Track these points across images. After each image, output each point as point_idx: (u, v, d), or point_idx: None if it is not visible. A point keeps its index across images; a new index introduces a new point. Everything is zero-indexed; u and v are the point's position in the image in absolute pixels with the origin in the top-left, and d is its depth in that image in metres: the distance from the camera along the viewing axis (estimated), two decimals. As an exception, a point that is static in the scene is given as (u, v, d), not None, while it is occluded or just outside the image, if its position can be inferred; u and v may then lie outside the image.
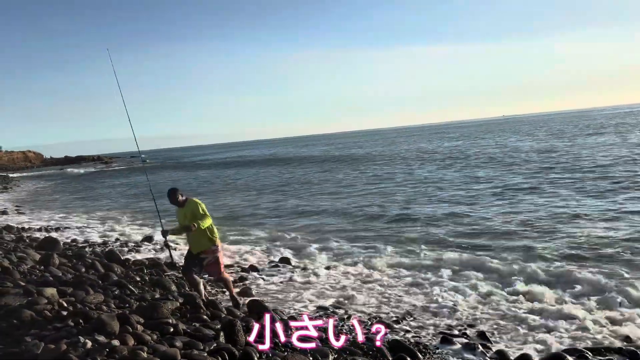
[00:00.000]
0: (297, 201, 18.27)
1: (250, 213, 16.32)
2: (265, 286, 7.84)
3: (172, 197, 6.48)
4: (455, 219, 12.42)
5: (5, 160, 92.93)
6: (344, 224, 13.05)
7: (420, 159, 33.44)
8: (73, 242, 11.48)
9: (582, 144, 31.54)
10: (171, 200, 6.49)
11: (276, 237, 12.02)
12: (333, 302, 6.87)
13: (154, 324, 4.53)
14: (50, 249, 9.34)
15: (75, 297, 5.28)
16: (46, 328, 4.22)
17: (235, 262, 9.51)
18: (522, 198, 14.47)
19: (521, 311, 6.19)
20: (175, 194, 6.49)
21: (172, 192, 6.50)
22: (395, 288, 7.44)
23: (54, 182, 42.68)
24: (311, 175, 29.27)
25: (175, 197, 6.46)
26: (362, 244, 10.62)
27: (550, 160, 23.56)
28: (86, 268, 7.82)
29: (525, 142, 39.16)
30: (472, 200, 14.92)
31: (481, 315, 6.13)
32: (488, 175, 20.55)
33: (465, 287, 7.21)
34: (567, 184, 16.04)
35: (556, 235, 9.84)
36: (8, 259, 7.24)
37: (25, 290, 5.05)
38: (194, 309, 5.51)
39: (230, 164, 51.92)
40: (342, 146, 71.82)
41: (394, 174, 24.73)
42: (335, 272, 8.45)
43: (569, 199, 13.58)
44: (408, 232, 11.47)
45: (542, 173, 19.45)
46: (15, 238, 11.24)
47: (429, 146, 48.49)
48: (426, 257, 9.08)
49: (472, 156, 31.18)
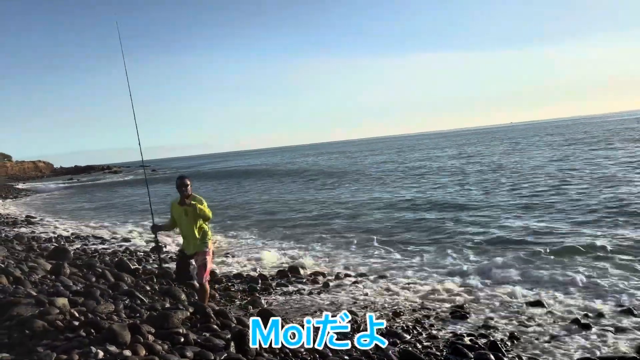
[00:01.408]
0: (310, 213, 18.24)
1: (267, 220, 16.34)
2: (276, 297, 7.82)
3: (182, 181, 6.06)
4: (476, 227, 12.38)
5: (16, 170, 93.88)
6: (364, 235, 12.98)
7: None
8: (82, 252, 11.53)
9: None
10: (179, 185, 6.04)
11: (287, 244, 12.02)
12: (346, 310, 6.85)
13: (165, 334, 4.54)
14: (61, 258, 9.40)
15: (87, 306, 5.29)
16: (58, 338, 4.24)
17: (245, 271, 9.51)
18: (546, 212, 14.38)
19: (537, 321, 6.15)
20: (185, 179, 6.10)
21: (182, 176, 6.15)
22: (401, 296, 7.42)
23: (67, 191, 42.93)
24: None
25: (184, 184, 6.03)
26: (378, 253, 10.60)
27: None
28: (96, 277, 7.85)
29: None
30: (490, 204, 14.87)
31: (495, 324, 6.09)
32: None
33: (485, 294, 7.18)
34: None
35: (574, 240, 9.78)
36: (20, 269, 7.28)
37: (37, 300, 5.06)
38: (204, 319, 5.50)
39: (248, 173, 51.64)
40: (357, 155, 71.72)
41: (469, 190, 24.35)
42: (353, 283, 8.43)
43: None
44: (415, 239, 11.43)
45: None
46: (26, 247, 11.32)
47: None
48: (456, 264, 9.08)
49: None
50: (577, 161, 25.45)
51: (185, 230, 6.20)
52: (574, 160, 26.32)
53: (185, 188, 6.05)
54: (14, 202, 33.29)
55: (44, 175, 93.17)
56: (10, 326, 4.48)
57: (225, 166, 74.40)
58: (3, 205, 29.37)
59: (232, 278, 8.86)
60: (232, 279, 8.77)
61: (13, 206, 29.44)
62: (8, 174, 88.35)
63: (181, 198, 6.09)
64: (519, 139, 62.08)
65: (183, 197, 6.05)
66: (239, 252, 11.71)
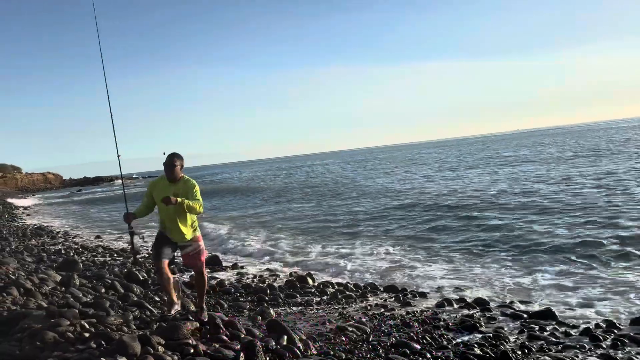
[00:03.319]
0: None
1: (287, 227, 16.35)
2: (285, 307, 7.80)
3: (170, 159, 5.17)
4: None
5: (26, 181, 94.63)
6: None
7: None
8: (92, 263, 11.57)
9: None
10: (167, 163, 5.17)
11: (297, 251, 12.01)
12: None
13: (175, 345, 4.54)
14: (71, 270, 9.44)
15: (97, 318, 5.31)
16: (69, 350, 4.25)
17: (258, 277, 9.50)
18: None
19: (548, 331, 6.09)
20: (174, 158, 5.20)
21: (172, 154, 5.24)
22: (410, 307, 7.38)
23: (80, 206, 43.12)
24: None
25: (173, 162, 5.17)
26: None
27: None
28: (106, 289, 7.88)
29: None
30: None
31: (505, 334, 6.04)
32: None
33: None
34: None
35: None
36: (30, 280, 7.32)
37: (48, 312, 5.09)
38: (213, 329, 5.50)
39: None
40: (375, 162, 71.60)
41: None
42: (362, 294, 8.40)
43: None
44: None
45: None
46: (36, 259, 11.38)
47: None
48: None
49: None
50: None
51: (170, 218, 5.24)
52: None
53: (172, 168, 5.18)
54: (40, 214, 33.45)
55: (53, 187, 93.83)
56: (22, 338, 4.50)
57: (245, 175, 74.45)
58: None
59: (240, 288, 8.86)
60: (240, 289, 8.76)
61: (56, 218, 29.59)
62: (18, 186, 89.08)
63: (168, 180, 5.25)
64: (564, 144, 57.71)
65: (171, 175, 5.21)
66: (250, 262, 11.73)
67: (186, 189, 5.20)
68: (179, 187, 5.20)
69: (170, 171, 5.22)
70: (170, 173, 5.22)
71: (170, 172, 5.22)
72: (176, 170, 5.21)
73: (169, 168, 5.21)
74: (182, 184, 5.25)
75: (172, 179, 5.22)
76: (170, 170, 5.22)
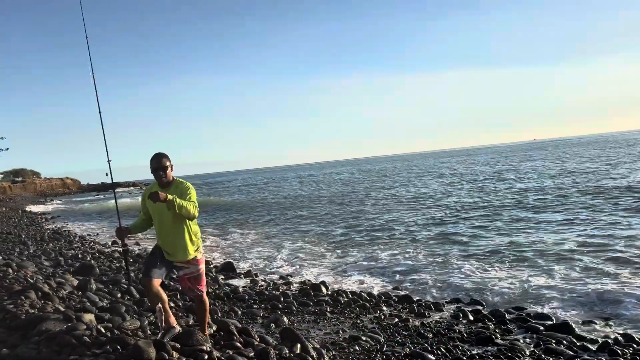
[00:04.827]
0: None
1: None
2: (299, 315, 7.79)
3: (157, 161, 4.56)
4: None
5: (44, 186, 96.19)
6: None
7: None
8: (108, 268, 11.69)
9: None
10: (154, 165, 4.56)
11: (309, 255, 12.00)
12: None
13: (189, 351, 4.56)
14: (87, 274, 9.55)
15: (113, 323, 5.36)
16: (85, 354, 4.29)
17: (272, 284, 9.51)
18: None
19: (565, 344, 6.00)
20: (162, 159, 4.58)
21: (158, 155, 4.62)
22: (425, 318, 7.33)
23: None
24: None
25: (161, 163, 4.55)
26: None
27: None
28: (122, 294, 7.95)
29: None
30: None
31: (521, 346, 5.97)
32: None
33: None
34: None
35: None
36: (48, 284, 7.42)
37: (65, 316, 5.15)
38: (227, 336, 5.52)
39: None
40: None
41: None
42: (375, 304, 8.37)
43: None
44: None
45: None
46: (53, 263, 11.53)
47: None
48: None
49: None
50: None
51: (166, 230, 4.64)
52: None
53: (163, 172, 4.58)
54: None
55: (71, 191, 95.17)
56: (40, 341, 4.56)
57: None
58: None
59: (254, 295, 8.87)
60: (254, 297, 8.78)
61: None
62: (37, 191, 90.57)
63: (159, 186, 4.64)
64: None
65: (160, 179, 4.61)
66: (262, 269, 11.75)
67: (180, 192, 4.56)
68: (172, 191, 4.55)
69: (162, 175, 4.60)
70: (164, 177, 4.61)
71: (164, 176, 4.61)
72: (168, 173, 4.62)
73: (161, 172, 4.58)
74: (174, 187, 4.64)
75: (166, 183, 4.65)
76: (162, 174, 4.60)
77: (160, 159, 4.58)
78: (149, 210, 4.72)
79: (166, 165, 4.58)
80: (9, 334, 4.90)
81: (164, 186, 4.65)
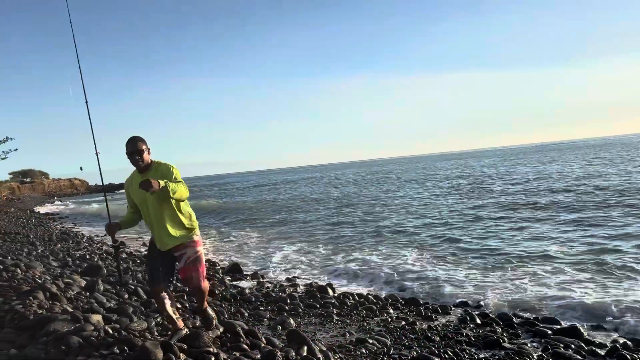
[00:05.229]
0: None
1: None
2: (305, 317, 7.78)
3: (133, 145, 4.23)
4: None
5: (53, 187, 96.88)
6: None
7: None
8: (115, 269, 11.74)
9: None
10: (129, 149, 4.23)
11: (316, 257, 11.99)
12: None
13: (196, 353, 4.57)
14: (95, 275, 9.59)
15: (120, 324, 5.38)
16: (93, 355, 4.31)
17: (279, 286, 9.52)
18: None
19: (573, 348, 5.96)
20: (137, 142, 4.26)
21: (133, 138, 4.28)
22: (432, 321, 7.29)
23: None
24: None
25: (136, 146, 4.23)
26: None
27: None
28: (129, 295, 7.97)
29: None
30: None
31: (529, 350, 5.93)
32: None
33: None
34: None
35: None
36: (56, 285, 7.45)
37: (73, 317, 5.17)
38: (234, 338, 5.52)
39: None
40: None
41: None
42: (382, 306, 8.35)
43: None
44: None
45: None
46: (61, 264, 11.58)
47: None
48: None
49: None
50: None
51: (153, 218, 4.39)
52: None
53: (139, 156, 4.26)
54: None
55: (79, 192, 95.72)
56: (47, 342, 4.58)
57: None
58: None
59: (260, 297, 8.88)
60: (260, 298, 8.78)
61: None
62: (45, 191, 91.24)
63: (138, 172, 4.34)
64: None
65: (137, 164, 4.31)
66: (270, 271, 11.75)
67: (161, 173, 4.25)
68: (152, 175, 4.24)
69: (139, 159, 4.28)
70: (140, 161, 4.28)
71: (140, 160, 4.28)
72: (145, 157, 4.29)
73: (137, 156, 4.26)
74: (154, 170, 4.31)
75: (144, 167, 4.34)
76: (138, 158, 4.27)
77: (135, 142, 4.27)
78: (135, 201, 4.46)
79: (142, 149, 4.27)
80: (17, 334, 4.92)
81: (143, 170, 4.35)
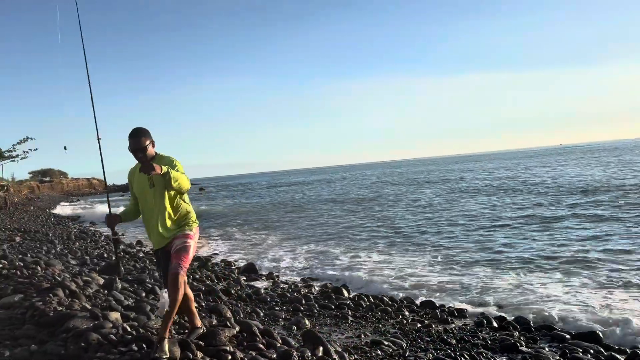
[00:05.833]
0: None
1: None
2: (320, 318, 7.79)
3: (135, 142, 4.02)
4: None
5: (71, 186, 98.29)
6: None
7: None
8: (133, 267, 11.87)
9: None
10: (135, 148, 4.05)
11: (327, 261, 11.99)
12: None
13: (213, 351, 4.60)
14: (113, 273, 9.69)
15: (138, 321, 5.43)
16: (111, 351, 4.36)
17: (293, 286, 9.54)
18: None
19: (591, 352, 5.87)
20: (140, 138, 4.03)
21: (136, 133, 4.05)
22: (449, 324, 7.25)
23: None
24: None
25: (139, 144, 4.01)
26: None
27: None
28: (146, 293, 8.05)
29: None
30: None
31: (547, 354, 5.86)
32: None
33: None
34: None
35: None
36: (75, 283, 7.56)
37: (92, 314, 5.24)
38: (250, 337, 5.54)
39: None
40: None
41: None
42: (397, 308, 8.33)
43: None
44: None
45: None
46: (80, 262, 11.75)
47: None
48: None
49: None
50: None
51: (150, 209, 4.19)
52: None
53: (142, 153, 4.05)
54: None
55: (97, 192, 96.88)
56: (67, 338, 4.65)
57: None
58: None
59: (276, 297, 8.90)
60: (276, 299, 8.81)
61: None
62: (64, 190, 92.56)
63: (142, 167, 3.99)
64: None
65: (141, 158, 4.10)
66: (284, 271, 11.79)
67: (166, 165, 4.01)
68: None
69: (142, 157, 4.08)
70: (144, 159, 4.07)
71: (143, 157, 4.07)
72: (149, 152, 4.09)
73: (140, 154, 4.06)
74: (157, 161, 4.09)
75: (139, 154, 4.11)
76: (141, 156, 4.08)
77: (137, 139, 4.04)
78: (135, 192, 4.29)
79: (145, 146, 4.04)
80: (37, 330, 5.01)
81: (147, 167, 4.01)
